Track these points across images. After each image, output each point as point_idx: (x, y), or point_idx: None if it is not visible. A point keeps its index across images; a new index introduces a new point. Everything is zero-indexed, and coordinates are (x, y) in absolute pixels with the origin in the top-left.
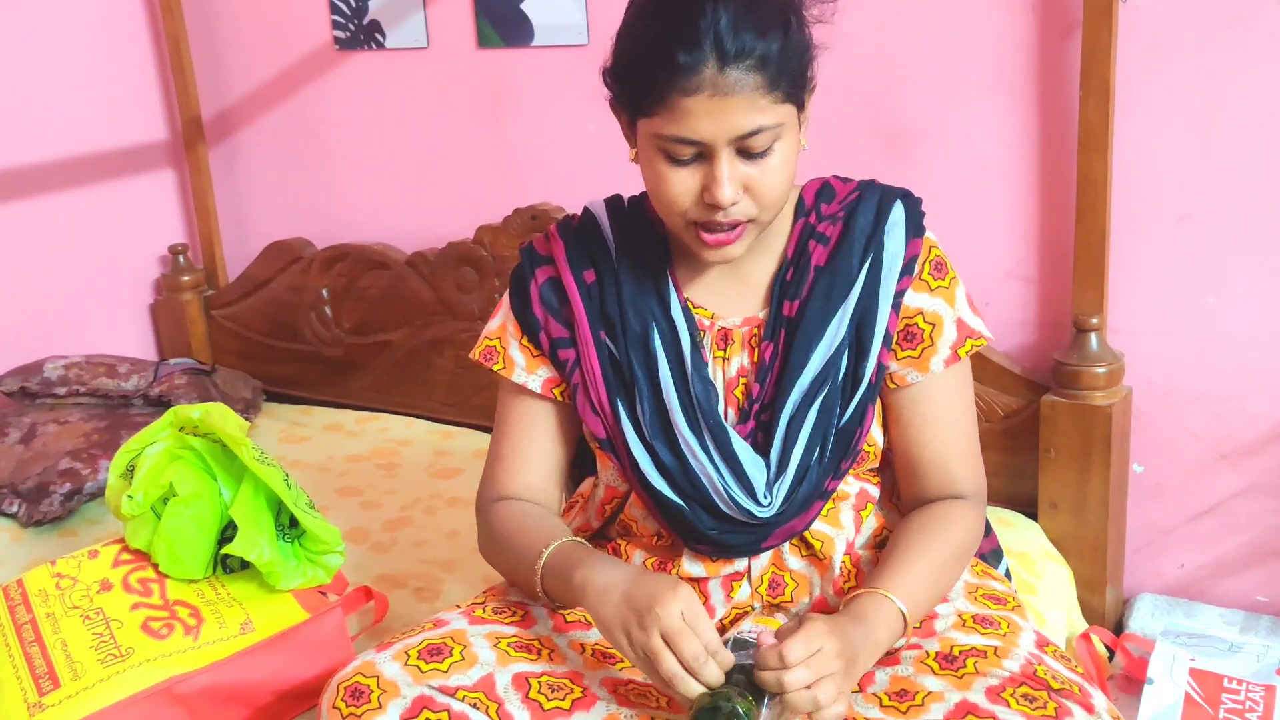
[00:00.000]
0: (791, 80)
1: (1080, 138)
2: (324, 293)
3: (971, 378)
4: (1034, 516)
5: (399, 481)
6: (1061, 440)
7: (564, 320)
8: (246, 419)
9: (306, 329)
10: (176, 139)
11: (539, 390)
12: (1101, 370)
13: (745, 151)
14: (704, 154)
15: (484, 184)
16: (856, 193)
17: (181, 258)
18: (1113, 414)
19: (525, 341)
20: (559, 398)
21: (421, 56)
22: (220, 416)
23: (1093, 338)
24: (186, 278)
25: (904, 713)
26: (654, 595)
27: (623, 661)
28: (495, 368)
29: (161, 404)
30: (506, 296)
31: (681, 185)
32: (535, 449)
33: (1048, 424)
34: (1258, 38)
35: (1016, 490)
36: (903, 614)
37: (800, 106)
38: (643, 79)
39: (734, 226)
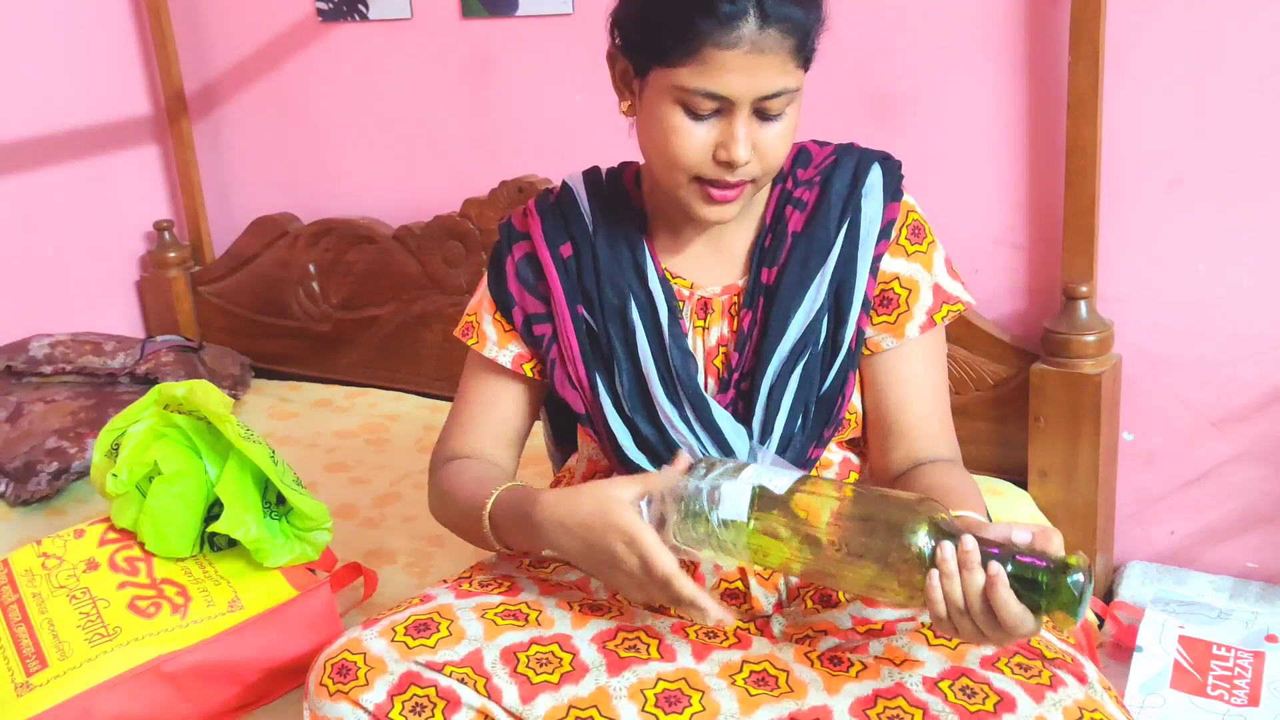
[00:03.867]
0: (811, 49)
1: (1070, 103)
2: (311, 268)
3: (945, 345)
4: (1024, 485)
5: (388, 456)
6: (1051, 408)
7: (540, 296)
8: (234, 396)
9: (294, 304)
10: (160, 113)
11: (508, 365)
12: (1091, 338)
13: (762, 113)
14: (723, 110)
15: (470, 156)
16: (833, 157)
17: (167, 234)
18: (1102, 382)
19: (498, 316)
20: (529, 373)
21: (405, 27)
22: (204, 393)
23: (1082, 305)
24: (172, 254)
25: (899, 665)
26: (607, 531)
27: (610, 612)
28: (470, 343)
29: (148, 381)
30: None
31: (695, 140)
32: (494, 416)
33: (1037, 392)
34: (1251, 1)
35: (1006, 459)
36: None
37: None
38: (676, 26)
39: (738, 185)
